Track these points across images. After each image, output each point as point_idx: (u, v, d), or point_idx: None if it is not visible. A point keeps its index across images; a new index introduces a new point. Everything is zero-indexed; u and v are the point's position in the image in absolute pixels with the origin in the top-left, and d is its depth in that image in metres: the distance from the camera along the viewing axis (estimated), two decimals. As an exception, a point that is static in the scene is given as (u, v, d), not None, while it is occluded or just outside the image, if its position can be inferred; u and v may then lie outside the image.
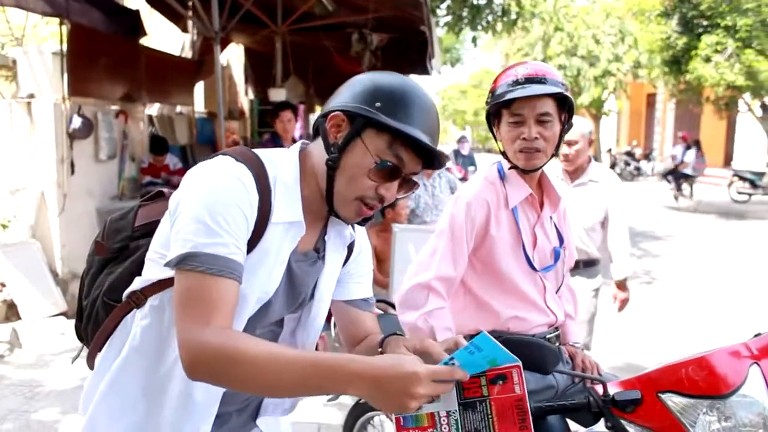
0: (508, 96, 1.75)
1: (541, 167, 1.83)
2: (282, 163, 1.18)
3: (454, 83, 47.89)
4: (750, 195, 14.73)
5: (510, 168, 1.85)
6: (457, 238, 1.78)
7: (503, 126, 1.81)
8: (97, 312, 1.27)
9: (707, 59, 12.87)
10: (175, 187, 4.93)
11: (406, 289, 1.79)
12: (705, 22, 13.33)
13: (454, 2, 7.69)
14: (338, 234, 1.30)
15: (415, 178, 1.18)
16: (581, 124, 3.51)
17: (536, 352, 1.46)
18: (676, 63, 13.90)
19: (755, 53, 12.55)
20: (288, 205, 1.16)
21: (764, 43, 12.60)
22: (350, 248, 1.36)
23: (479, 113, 37.89)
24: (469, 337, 1.86)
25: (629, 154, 22.30)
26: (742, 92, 13.45)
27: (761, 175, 14.62)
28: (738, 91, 13.32)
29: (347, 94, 1.16)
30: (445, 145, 5.54)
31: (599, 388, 1.50)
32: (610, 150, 24.20)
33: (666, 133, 24.06)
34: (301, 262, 1.23)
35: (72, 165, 5.43)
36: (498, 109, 1.82)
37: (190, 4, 6.81)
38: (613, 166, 22.52)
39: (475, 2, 7.56)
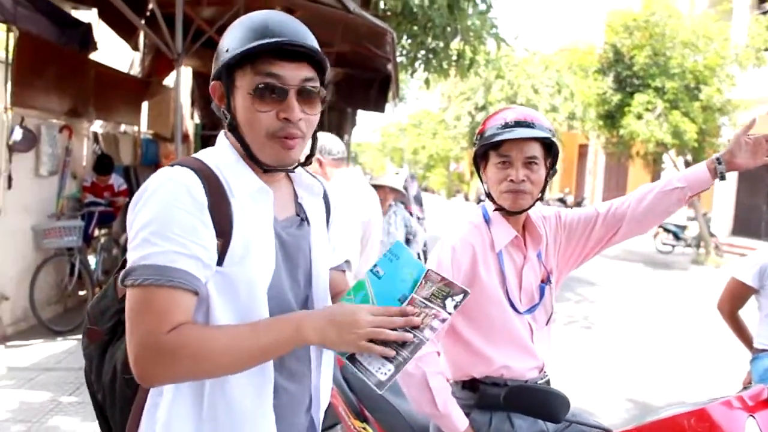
0: (497, 138, 1.78)
1: (527, 209, 1.86)
2: (216, 152, 1.21)
3: (394, 121, 48.72)
4: (673, 246, 15.57)
5: (495, 210, 1.87)
6: None
7: (490, 167, 1.84)
8: (122, 394, 1.22)
9: (639, 116, 13.65)
10: (118, 207, 4.82)
11: None
12: (637, 82, 14.18)
13: (412, 43, 7.86)
14: (307, 191, 1.32)
15: None
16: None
17: (548, 401, 1.45)
18: (611, 117, 14.66)
19: (681, 114, 13.43)
20: (241, 178, 1.17)
21: (688, 106, 13.52)
22: (328, 210, 1.40)
23: (418, 152, 38.56)
24: (461, 383, 1.86)
25: (561, 201, 23.16)
26: (669, 149, 14.31)
27: (683, 228, 15.50)
28: (664, 147, 14.15)
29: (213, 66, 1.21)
30: (385, 176, 5.53)
31: (604, 437, 1.51)
32: (542, 196, 25.08)
33: (597, 183, 25.20)
34: (288, 228, 1.25)
35: (10, 179, 5.13)
36: (486, 151, 1.85)
37: (142, 22, 6.65)
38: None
39: (432, 45, 7.75)
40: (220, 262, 1.11)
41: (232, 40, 1.15)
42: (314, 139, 1.27)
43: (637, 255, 14.72)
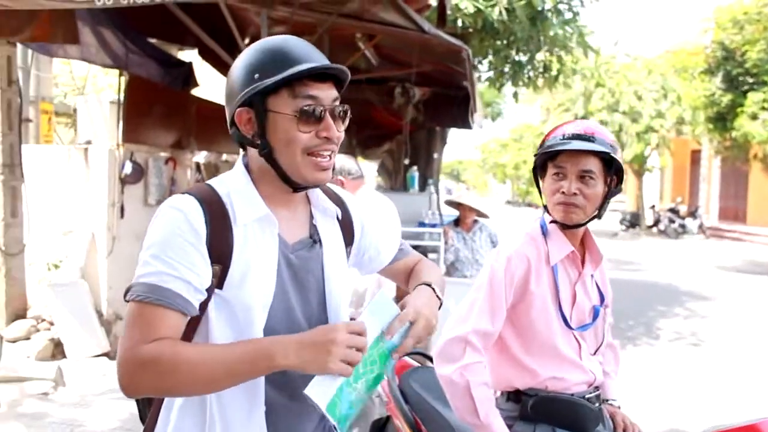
0: (553, 149, 1.78)
1: (581, 224, 1.83)
2: (231, 178, 1.27)
3: (495, 137, 48.14)
4: (803, 256, 14.18)
5: (551, 222, 1.86)
6: (495, 292, 1.77)
7: (547, 179, 1.84)
8: None
9: (754, 116, 12.69)
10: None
11: (443, 342, 1.78)
12: (751, 80, 13.21)
13: (496, 58, 7.83)
14: (323, 213, 1.36)
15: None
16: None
17: (576, 412, 1.43)
18: (722, 120, 13.75)
19: (804, 111, 12.36)
20: (248, 206, 1.22)
21: (813, 101, 12.41)
22: (351, 229, 1.42)
23: (519, 167, 37.83)
24: (507, 394, 1.85)
25: (673, 210, 21.78)
26: (792, 150, 13.19)
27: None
28: (787, 148, 13.06)
29: (231, 92, 1.24)
30: (465, 195, 5.46)
31: (644, 451, 1.46)
32: (653, 206, 23.74)
33: (712, 190, 23.54)
34: (298, 251, 1.28)
35: (122, 209, 5.63)
36: (544, 162, 1.85)
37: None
38: (656, 222, 22.03)
39: (516, 59, 7.68)
40: (220, 286, 1.18)
41: (260, 67, 1.19)
42: None
43: (763, 266, 13.56)
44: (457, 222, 5.48)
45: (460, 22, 6.87)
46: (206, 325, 1.20)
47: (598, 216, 1.85)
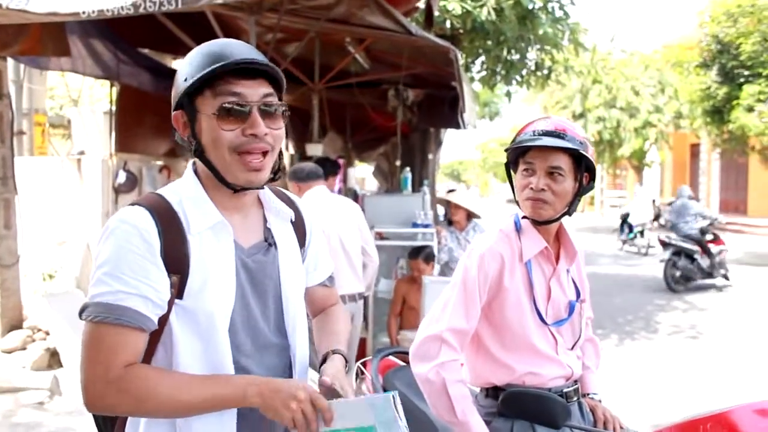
0: (523, 145, 1.79)
1: (552, 221, 1.83)
2: (182, 185, 1.26)
3: (495, 137, 48.14)
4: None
5: (524, 218, 1.87)
6: (469, 290, 1.78)
7: (517, 174, 1.85)
8: None
9: (750, 109, 12.69)
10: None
11: (418, 341, 1.79)
12: (746, 72, 13.21)
13: (488, 58, 7.85)
14: (277, 215, 1.35)
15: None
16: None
17: (546, 406, 1.44)
18: (718, 113, 13.74)
19: (800, 102, 12.36)
20: (201, 213, 1.21)
21: (810, 92, 12.41)
22: (303, 231, 1.42)
23: (519, 165, 37.76)
24: (485, 390, 1.86)
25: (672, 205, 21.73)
26: (789, 141, 13.18)
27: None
28: (785, 140, 13.05)
29: (172, 97, 1.25)
30: (454, 194, 5.47)
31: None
32: (653, 201, 23.70)
33: (711, 183, 23.50)
34: (255, 255, 1.28)
35: (116, 218, 5.67)
36: (516, 158, 1.87)
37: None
38: (657, 217, 21.98)
39: (508, 58, 7.69)
40: (180, 296, 1.17)
41: (190, 68, 1.20)
42: (279, 155, 1.29)
43: (763, 258, 13.51)
44: (451, 221, 5.47)
45: (448, 24, 6.89)
46: (170, 336, 1.18)
47: (569, 213, 1.85)
